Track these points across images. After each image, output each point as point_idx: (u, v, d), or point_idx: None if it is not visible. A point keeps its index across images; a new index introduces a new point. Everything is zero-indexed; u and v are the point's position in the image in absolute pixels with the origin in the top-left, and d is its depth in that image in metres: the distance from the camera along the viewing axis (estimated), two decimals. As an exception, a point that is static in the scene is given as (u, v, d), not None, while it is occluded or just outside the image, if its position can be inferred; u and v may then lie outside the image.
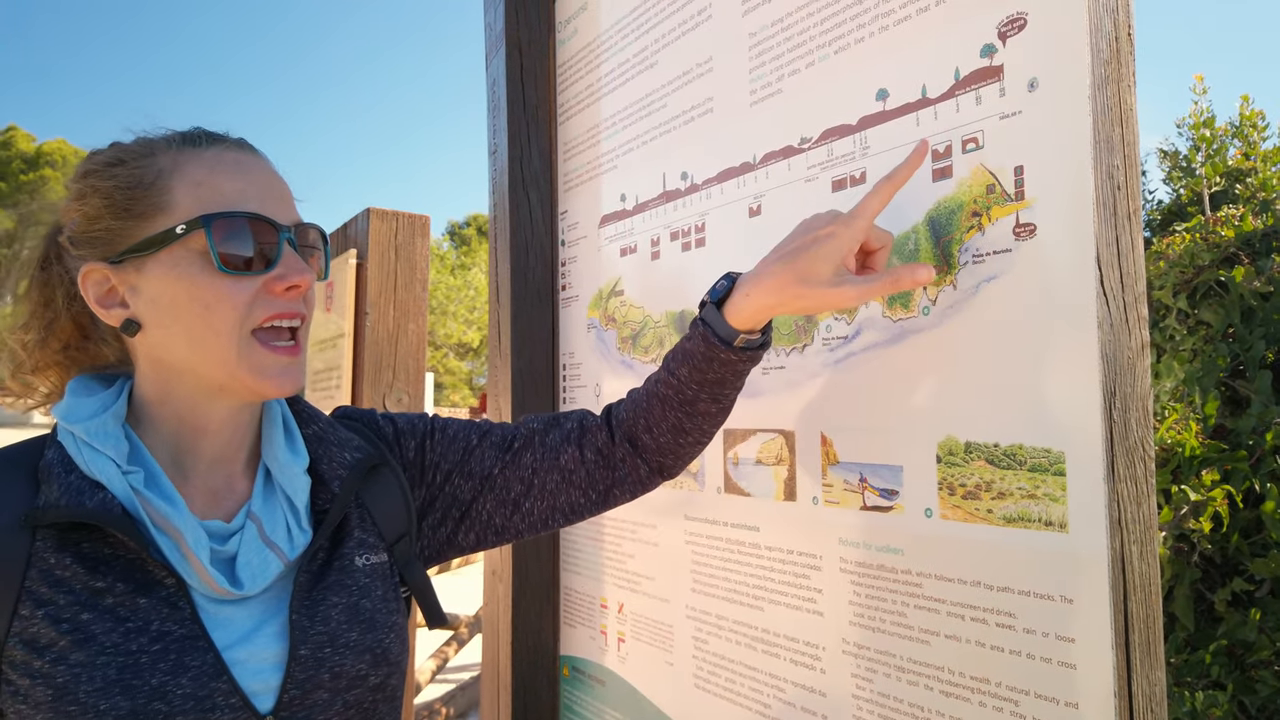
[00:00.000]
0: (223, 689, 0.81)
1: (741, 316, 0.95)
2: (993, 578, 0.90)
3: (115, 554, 0.83)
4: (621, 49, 1.54)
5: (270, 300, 0.88)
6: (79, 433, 0.85)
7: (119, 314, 0.88)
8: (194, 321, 0.86)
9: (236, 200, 0.88)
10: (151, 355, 0.90)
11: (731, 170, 1.27)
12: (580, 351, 1.68)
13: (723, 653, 1.27)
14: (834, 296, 0.92)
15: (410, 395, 2.61)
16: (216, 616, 0.85)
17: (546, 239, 1.76)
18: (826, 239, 0.92)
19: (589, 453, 1.06)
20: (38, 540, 0.82)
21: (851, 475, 1.06)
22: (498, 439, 1.08)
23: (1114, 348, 0.82)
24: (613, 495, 1.08)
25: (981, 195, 0.92)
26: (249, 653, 0.85)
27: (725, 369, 0.98)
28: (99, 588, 0.81)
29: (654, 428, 1.03)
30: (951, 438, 0.94)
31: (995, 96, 0.91)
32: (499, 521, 1.07)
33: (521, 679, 1.68)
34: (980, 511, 0.91)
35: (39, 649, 0.78)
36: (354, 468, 0.98)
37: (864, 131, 1.06)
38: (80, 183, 0.89)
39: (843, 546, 1.07)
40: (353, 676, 0.90)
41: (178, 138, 0.91)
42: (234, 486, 0.94)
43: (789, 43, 1.17)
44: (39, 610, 0.79)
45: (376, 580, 0.96)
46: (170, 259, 0.86)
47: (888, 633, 1.01)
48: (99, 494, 0.82)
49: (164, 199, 0.86)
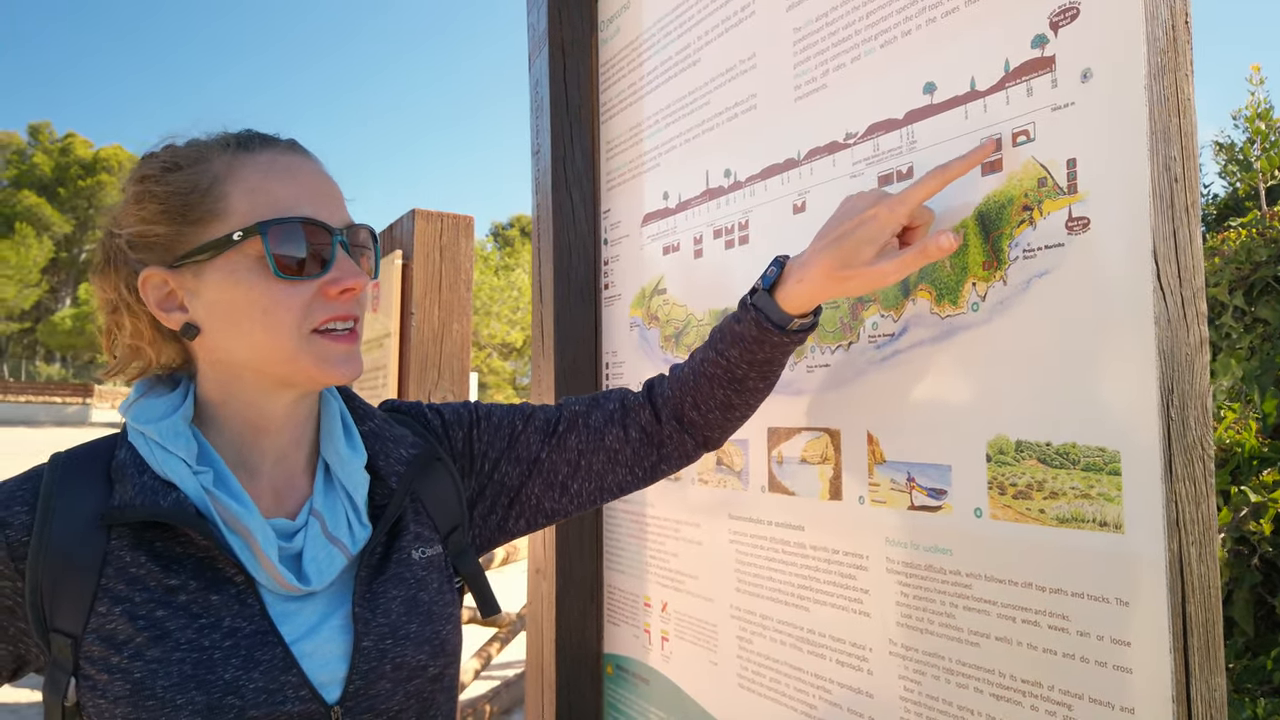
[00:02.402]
0: (292, 682, 0.84)
1: (793, 302, 0.98)
2: (1045, 579, 0.88)
3: (186, 552, 0.85)
4: (664, 47, 1.54)
5: (326, 304, 0.90)
6: (150, 434, 0.87)
7: (178, 318, 0.90)
8: (253, 325, 0.88)
9: (290, 205, 0.90)
10: (211, 357, 0.92)
11: (775, 167, 1.26)
12: (623, 350, 1.69)
13: (767, 653, 1.27)
14: (873, 275, 0.94)
15: (454, 394, 2.63)
16: (283, 612, 0.88)
17: (589, 238, 1.76)
18: (870, 221, 0.94)
19: (633, 431, 1.08)
20: (113, 539, 0.84)
21: (899, 475, 1.05)
22: (541, 423, 1.09)
23: (1171, 344, 0.80)
24: (659, 470, 1.10)
25: (1033, 189, 0.90)
26: (315, 646, 0.88)
27: (775, 350, 1.01)
28: (173, 585, 0.84)
29: (701, 405, 1.05)
30: (1002, 436, 0.92)
31: (1047, 88, 0.89)
32: (548, 505, 1.09)
33: (566, 677, 1.69)
34: (1032, 511, 0.89)
35: (116, 644, 0.81)
36: (410, 463, 1.00)
37: (911, 126, 1.04)
38: (136, 187, 0.91)
39: (890, 546, 1.06)
40: (413, 667, 0.92)
41: (231, 141, 0.92)
42: (295, 484, 0.96)
43: (833, 38, 1.16)
44: (116, 607, 0.82)
45: (432, 573, 0.99)
46: (227, 264, 0.88)
47: (936, 634, 0.99)
48: (172, 494, 0.85)
49: (219, 205, 0.88)
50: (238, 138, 0.93)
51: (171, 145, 0.93)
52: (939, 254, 0.92)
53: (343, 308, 0.91)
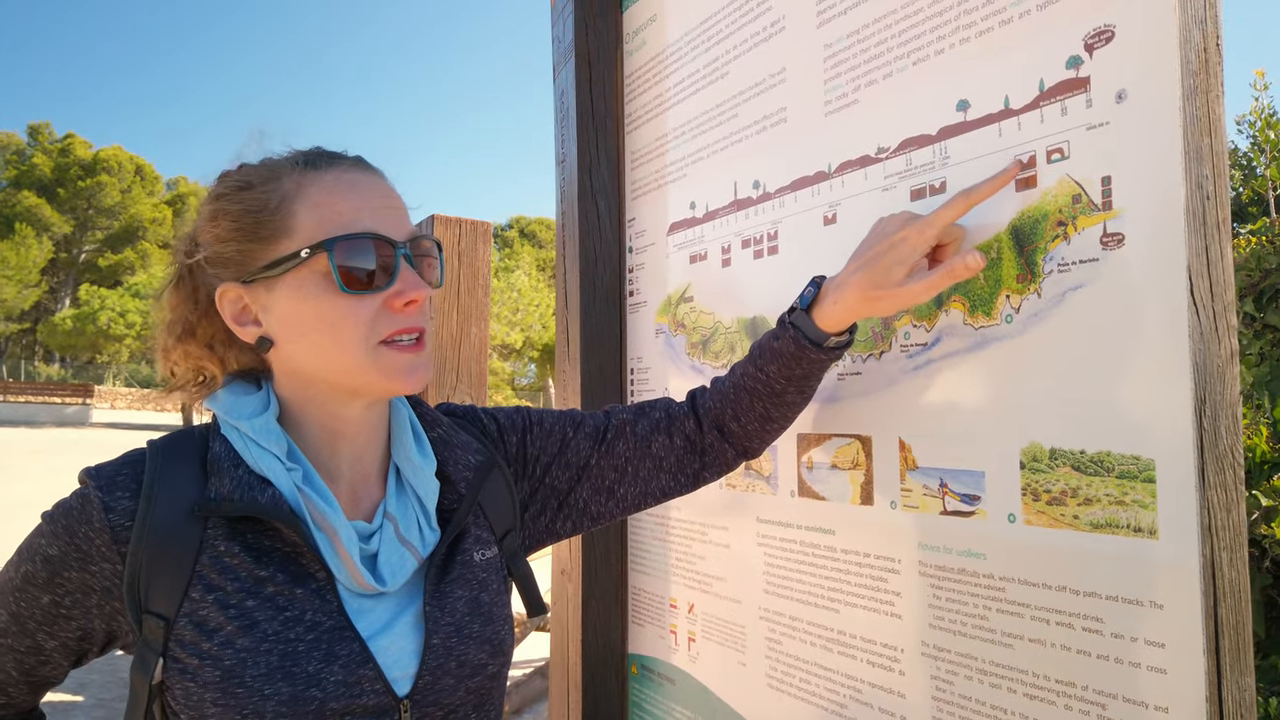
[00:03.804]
0: (369, 675, 0.88)
1: (830, 321, 1.04)
2: (1079, 583, 0.91)
3: (274, 546, 0.89)
4: (691, 60, 1.57)
5: (391, 316, 0.93)
6: (245, 429, 0.91)
7: (253, 331, 0.94)
8: (321, 338, 0.92)
9: (353, 220, 0.92)
10: (286, 367, 0.96)
11: (806, 179, 1.30)
12: (648, 356, 1.72)
13: (797, 653, 1.30)
14: (904, 295, 0.99)
15: (473, 398, 2.66)
16: (357, 609, 0.92)
17: (614, 246, 1.79)
18: (900, 243, 0.99)
19: (678, 439, 1.14)
20: (209, 528, 0.88)
21: (931, 480, 1.08)
22: (590, 430, 1.14)
23: (1204, 356, 0.83)
24: (702, 477, 1.16)
25: (1067, 205, 0.93)
26: (390, 642, 0.92)
27: (813, 366, 1.07)
28: (262, 576, 0.88)
29: (741, 416, 1.11)
30: (1036, 444, 0.96)
31: (1082, 107, 0.92)
32: (594, 509, 1.14)
33: (591, 676, 1.72)
34: (1066, 517, 0.92)
35: (208, 631, 0.85)
36: (477, 470, 1.05)
37: (944, 142, 1.07)
38: (212, 205, 0.95)
39: (922, 550, 1.09)
40: (475, 665, 0.97)
41: (300, 160, 0.95)
42: (369, 487, 1.00)
43: (865, 54, 1.19)
44: (210, 594, 0.86)
45: (491, 574, 1.03)
46: (296, 280, 0.91)
47: (969, 636, 1.03)
48: (268, 490, 0.89)
49: (287, 223, 0.91)
50: (306, 156, 0.96)
51: (245, 164, 0.96)
52: (966, 274, 0.97)
53: (407, 320, 0.93)
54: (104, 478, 0.88)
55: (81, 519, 0.86)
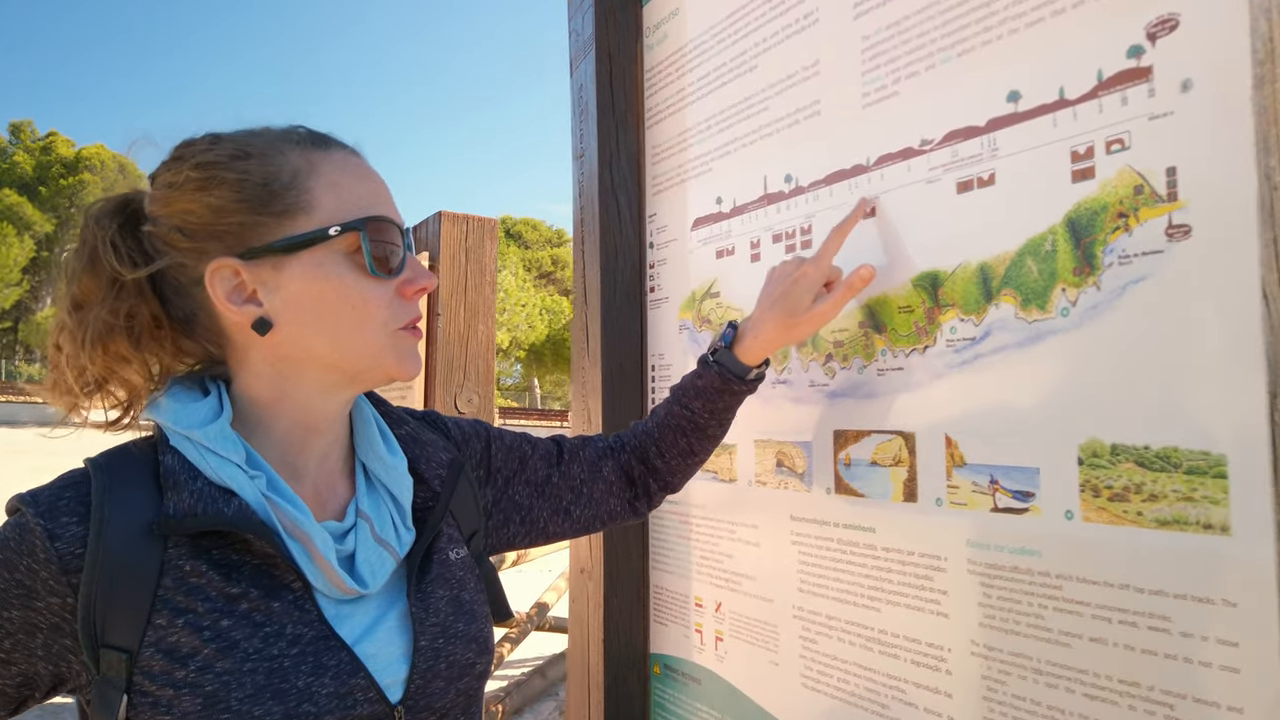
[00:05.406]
0: (361, 684, 0.84)
1: (751, 355, 1.18)
2: (1144, 581, 0.90)
3: (242, 560, 0.83)
4: (717, 53, 1.55)
5: (403, 304, 0.92)
6: (198, 438, 0.84)
7: (251, 312, 0.87)
8: (340, 321, 0.89)
9: (371, 204, 0.91)
10: (277, 353, 0.90)
11: (842, 173, 1.28)
12: (671, 353, 1.69)
13: (834, 653, 1.28)
14: (816, 316, 1.15)
15: (480, 396, 2.63)
16: (337, 615, 0.87)
17: (634, 241, 1.77)
18: (802, 278, 1.14)
19: (621, 468, 1.23)
20: (170, 548, 0.81)
21: (981, 477, 1.06)
22: (545, 452, 1.19)
23: (1275, 349, 0.82)
24: (635, 507, 1.25)
25: (1128, 196, 0.92)
26: (377, 647, 0.88)
27: (734, 399, 1.20)
28: (234, 594, 0.82)
29: (666, 453, 1.22)
30: (1095, 440, 0.94)
31: (1144, 97, 0.91)
32: (552, 528, 1.18)
33: (613, 676, 1.70)
34: (1129, 514, 0.91)
35: (181, 658, 0.78)
36: (450, 467, 1.03)
37: (993, 133, 1.06)
38: (199, 173, 0.86)
39: (970, 548, 1.07)
40: (463, 665, 0.94)
41: (301, 137, 0.92)
42: (335, 485, 0.96)
43: (906, 45, 1.17)
44: (178, 618, 0.79)
45: (468, 573, 1.01)
46: (314, 259, 0.87)
47: (1023, 635, 1.01)
48: (233, 500, 0.83)
49: (304, 199, 0.87)
50: (308, 134, 0.93)
51: (216, 133, 0.90)
52: (862, 284, 1.16)
53: (416, 309, 0.94)
54: (43, 503, 0.79)
55: (22, 551, 0.77)
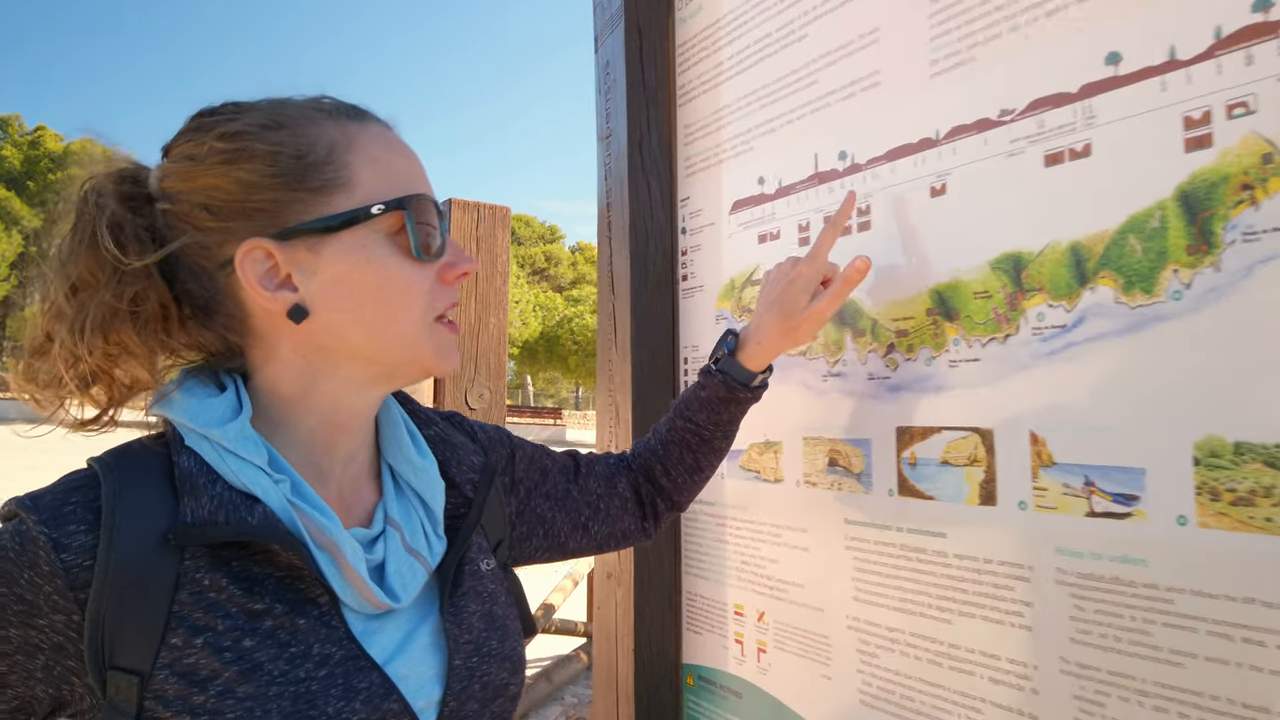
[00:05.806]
0: (394, 710, 0.75)
1: (755, 360, 1.13)
2: (1273, 594, 0.80)
3: (265, 572, 0.74)
4: (760, 24, 1.45)
5: (443, 289, 0.84)
6: (217, 438, 0.75)
7: (286, 297, 0.78)
8: (381, 308, 0.80)
9: (412, 182, 0.83)
10: (312, 343, 0.80)
11: (907, 147, 1.18)
12: (706, 344, 1.60)
13: (897, 667, 1.18)
14: (814, 315, 1.10)
15: (491, 391, 2.53)
16: (365, 631, 0.78)
17: (666, 227, 1.67)
18: (798, 278, 1.10)
19: (632, 486, 1.17)
20: (187, 559, 0.72)
21: (1074, 478, 0.96)
22: (562, 465, 1.13)
23: None
24: (645, 529, 1.18)
25: (1255, 166, 0.82)
26: (409, 668, 0.79)
27: (739, 408, 1.15)
28: (257, 610, 0.73)
29: (671, 470, 1.16)
30: (1214, 437, 0.84)
31: (1272, 55, 0.81)
32: (572, 544, 1.11)
33: (645, 687, 1.60)
34: (1256, 520, 0.81)
35: (199, 681, 0.69)
36: (483, 471, 0.94)
37: (1089, 100, 0.96)
38: (226, 144, 0.77)
39: (1060, 556, 0.98)
40: (497, 685, 0.85)
41: (334, 108, 0.82)
42: (361, 488, 0.87)
43: (982, 7, 1.08)
44: (196, 638, 0.70)
45: (498, 586, 0.92)
46: (355, 240, 0.78)
47: (1125, 653, 0.91)
48: (257, 508, 0.74)
49: (343, 174, 0.78)
50: (341, 104, 0.83)
51: (239, 102, 0.81)
52: (859, 276, 1.11)
53: (454, 295, 0.85)
54: (47, 509, 0.70)
55: (23, 563, 0.69)
